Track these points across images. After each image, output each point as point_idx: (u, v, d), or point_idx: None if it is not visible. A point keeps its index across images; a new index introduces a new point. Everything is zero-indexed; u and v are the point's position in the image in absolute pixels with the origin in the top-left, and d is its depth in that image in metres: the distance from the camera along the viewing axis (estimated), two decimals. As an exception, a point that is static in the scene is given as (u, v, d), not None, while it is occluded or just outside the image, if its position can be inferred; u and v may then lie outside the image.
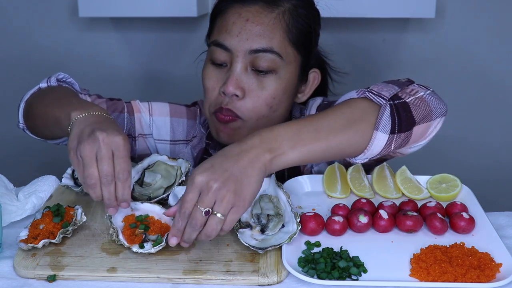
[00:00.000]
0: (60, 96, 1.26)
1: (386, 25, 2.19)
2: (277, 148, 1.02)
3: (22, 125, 1.32)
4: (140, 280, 1.00)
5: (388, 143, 1.08)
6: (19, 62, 2.34)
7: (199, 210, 0.97)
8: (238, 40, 1.26)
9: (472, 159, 2.32)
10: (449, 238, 1.09)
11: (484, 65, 2.23)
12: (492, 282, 0.96)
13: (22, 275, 1.02)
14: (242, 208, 0.99)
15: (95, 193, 1.03)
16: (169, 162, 1.29)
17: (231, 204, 0.98)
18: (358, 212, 1.11)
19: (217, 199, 0.97)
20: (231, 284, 0.99)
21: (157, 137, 1.46)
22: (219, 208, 0.97)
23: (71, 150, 1.05)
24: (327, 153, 1.07)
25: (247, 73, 1.27)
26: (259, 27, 1.26)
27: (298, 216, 1.09)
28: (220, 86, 1.29)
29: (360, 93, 1.12)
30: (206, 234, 0.99)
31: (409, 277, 0.99)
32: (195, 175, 0.98)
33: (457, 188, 1.23)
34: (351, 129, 1.07)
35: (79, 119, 1.09)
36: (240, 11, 1.28)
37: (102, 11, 2.08)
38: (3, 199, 1.18)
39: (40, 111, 1.25)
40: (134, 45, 2.30)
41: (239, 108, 1.28)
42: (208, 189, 0.97)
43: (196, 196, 0.97)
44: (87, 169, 1.02)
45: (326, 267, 1.00)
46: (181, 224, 0.99)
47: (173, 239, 1.00)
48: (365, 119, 1.08)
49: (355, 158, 1.11)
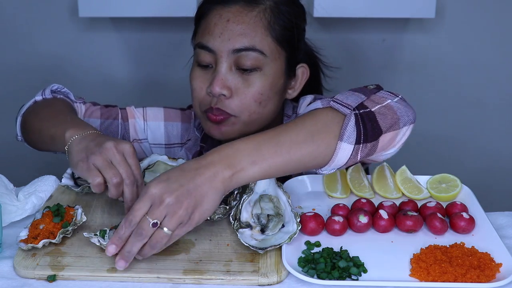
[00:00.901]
0: (54, 112, 1.29)
1: (386, 25, 2.19)
2: (236, 164, 1.00)
3: (21, 138, 1.36)
4: (140, 280, 1.00)
5: (354, 154, 1.06)
6: (19, 63, 2.34)
7: (147, 221, 0.96)
8: (221, 41, 1.27)
9: (472, 159, 2.32)
10: (449, 238, 1.09)
11: (484, 65, 2.23)
12: (492, 282, 0.96)
13: (22, 275, 1.02)
14: (190, 226, 0.99)
15: (118, 191, 1.07)
16: (169, 162, 1.29)
17: (180, 221, 0.97)
18: (358, 212, 1.11)
19: (167, 213, 0.96)
20: (231, 284, 0.99)
21: (152, 141, 1.48)
22: (168, 224, 0.96)
23: (79, 161, 1.08)
24: (290, 166, 1.05)
25: (232, 72, 1.28)
26: (240, 26, 1.27)
27: (298, 216, 1.09)
28: (207, 86, 1.30)
29: (325, 103, 1.09)
30: (150, 246, 0.98)
31: (409, 277, 0.99)
32: (149, 186, 0.97)
33: (457, 188, 1.23)
34: (314, 141, 1.05)
35: (76, 139, 1.13)
36: (221, 12, 1.29)
37: (102, 11, 2.08)
38: (3, 199, 1.18)
39: (36, 127, 1.28)
40: (134, 45, 2.29)
41: (228, 106, 1.29)
42: (160, 202, 0.96)
43: (146, 206, 0.97)
44: (108, 171, 1.05)
45: (326, 267, 1.00)
46: (124, 232, 0.97)
47: (112, 247, 0.98)
48: (329, 130, 1.06)
49: (321, 169, 1.08)
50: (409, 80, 2.28)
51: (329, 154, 1.06)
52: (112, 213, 1.18)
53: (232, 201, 1.15)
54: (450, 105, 2.27)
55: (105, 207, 1.20)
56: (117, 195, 1.08)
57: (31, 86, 2.36)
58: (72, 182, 1.26)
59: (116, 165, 1.06)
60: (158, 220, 0.96)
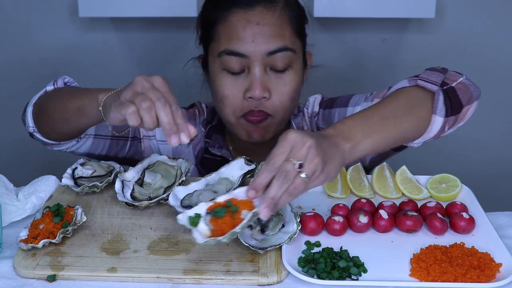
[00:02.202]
0: (74, 91, 1.27)
1: (386, 25, 2.19)
2: (352, 137, 1.03)
3: (33, 128, 1.31)
4: (140, 280, 1.00)
5: (442, 126, 1.14)
6: (19, 63, 2.34)
7: (292, 163, 0.94)
8: (254, 45, 1.27)
9: (472, 159, 2.32)
10: (449, 238, 1.09)
11: (484, 65, 2.23)
12: (492, 282, 0.96)
13: (22, 275, 1.02)
14: (320, 179, 0.97)
15: (151, 117, 0.98)
16: (169, 162, 1.29)
17: (316, 168, 0.95)
18: (358, 212, 1.11)
19: (306, 158, 0.95)
20: (231, 284, 0.99)
21: (160, 138, 1.47)
22: (307, 169, 0.95)
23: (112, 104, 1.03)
24: (395, 139, 1.11)
25: (267, 74, 1.29)
26: (270, 28, 1.27)
27: (298, 216, 1.09)
28: (243, 92, 1.29)
29: (412, 82, 1.17)
30: (289, 192, 0.94)
31: (409, 277, 0.99)
32: (287, 133, 0.97)
33: (457, 188, 1.23)
34: (412, 115, 1.12)
35: (109, 95, 1.09)
36: (246, 16, 1.28)
37: (102, 11, 2.08)
38: (3, 199, 1.18)
39: (58, 107, 1.24)
40: (134, 45, 2.29)
41: (269, 107, 1.31)
42: (302, 144, 0.95)
43: (286, 151, 0.95)
44: (136, 98, 0.99)
45: (326, 267, 1.00)
46: (265, 176, 0.94)
47: (252, 192, 0.96)
48: (422, 105, 1.14)
49: (413, 142, 1.16)
50: (409, 80, 2.28)
51: (425, 127, 1.14)
52: (112, 213, 1.18)
53: (232, 201, 1.15)
54: (450, 105, 2.27)
55: (105, 207, 1.20)
56: (153, 123, 0.99)
57: (31, 86, 2.36)
58: (72, 182, 1.26)
59: (147, 92, 1.00)
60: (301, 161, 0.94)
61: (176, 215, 1.14)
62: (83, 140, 1.33)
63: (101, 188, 1.24)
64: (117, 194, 1.19)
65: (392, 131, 1.09)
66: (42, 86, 1.41)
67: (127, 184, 1.23)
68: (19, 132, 1.34)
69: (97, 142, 1.37)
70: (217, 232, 0.98)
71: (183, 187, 1.19)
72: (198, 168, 1.46)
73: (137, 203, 1.18)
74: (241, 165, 1.22)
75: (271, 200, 0.94)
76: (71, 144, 1.32)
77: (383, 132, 1.08)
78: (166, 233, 1.12)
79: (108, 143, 1.39)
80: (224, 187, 1.18)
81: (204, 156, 1.45)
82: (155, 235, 1.11)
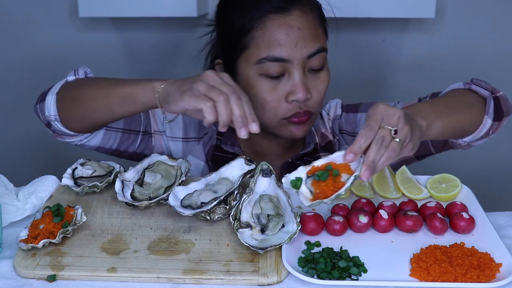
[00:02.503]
0: (113, 80, 1.28)
1: (386, 25, 2.19)
2: (427, 117, 1.11)
3: (54, 117, 1.31)
4: (140, 280, 1.00)
5: (489, 129, 1.25)
6: (19, 62, 2.34)
7: (388, 129, 1.01)
8: (296, 50, 1.28)
9: (472, 159, 2.32)
10: (449, 238, 1.09)
11: (484, 65, 2.23)
12: (492, 282, 0.96)
13: (22, 275, 1.02)
14: (412, 146, 1.04)
15: (227, 110, 1.08)
16: (169, 162, 1.29)
17: (408, 135, 1.02)
18: (358, 212, 1.11)
19: (398, 126, 1.01)
20: (231, 284, 0.99)
21: (170, 134, 1.49)
22: (400, 134, 1.01)
23: (184, 93, 1.10)
24: (458, 127, 1.20)
25: (306, 76, 1.32)
26: (308, 32, 1.30)
27: (298, 216, 1.09)
28: (285, 95, 1.31)
29: (466, 85, 1.28)
30: (387, 156, 1.00)
31: (409, 277, 0.99)
32: (378, 105, 1.03)
33: (457, 188, 1.23)
34: (470, 110, 1.23)
35: (167, 84, 1.16)
36: (285, 21, 1.29)
37: (102, 11, 2.08)
38: (3, 199, 1.18)
39: (98, 94, 1.25)
40: (134, 45, 2.29)
41: (311, 106, 1.34)
42: (393, 113, 1.02)
43: (380, 119, 1.02)
44: (213, 91, 1.08)
45: (326, 267, 1.00)
46: (364, 141, 1.00)
47: (350, 156, 1.01)
48: (477, 106, 1.24)
49: (464, 139, 1.27)
50: (409, 80, 2.28)
51: (478, 125, 1.24)
52: (112, 213, 1.18)
53: (232, 201, 1.16)
54: (450, 105, 2.27)
55: (105, 207, 1.20)
56: (228, 116, 1.08)
57: (31, 86, 2.37)
58: (72, 182, 1.26)
59: (219, 86, 1.09)
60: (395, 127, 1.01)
61: (176, 215, 1.15)
62: (94, 133, 1.35)
63: (101, 188, 1.24)
64: (117, 194, 1.19)
65: (456, 119, 1.18)
66: (42, 86, 1.41)
67: (127, 184, 1.23)
68: (19, 132, 1.34)
69: (109, 135, 1.39)
70: (319, 195, 1.04)
71: (183, 187, 1.19)
72: (208, 165, 1.47)
73: (137, 203, 1.18)
74: (241, 165, 1.22)
75: (371, 163, 1.00)
76: (84, 136, 1.35)
77: (450, 118, 1.16)
78: (166, 233, 1.12)
79: (119, 136, 1.41)
80: (224, 187, 1.19)
81: (215, 153, 1.46)
82: (155, 235, 1.11)
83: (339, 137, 1.49)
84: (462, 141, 1.28)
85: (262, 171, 1.17)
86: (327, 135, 1.48)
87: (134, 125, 1.43)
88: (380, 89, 2.30)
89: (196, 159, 1.47)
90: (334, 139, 1.48)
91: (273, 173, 1.17)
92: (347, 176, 1.04)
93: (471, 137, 1.26)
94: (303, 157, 1.43)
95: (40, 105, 1.34)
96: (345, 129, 1.49)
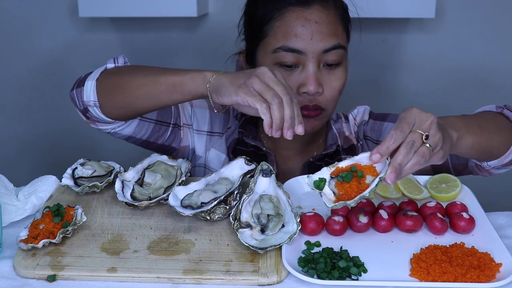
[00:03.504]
0: (159, 68, 1.28)
1: (386, 25, 2.19)
2: (458, 129, 1.10)
3: (94, 103, 1.31)
4: (140, 280, 1.00)
5: None
6: (19, 62, 2.34)
7: (419, 133, 0.99)
8: (312, 43, 1.31)
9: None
10: (449, 238, 1.09)
11: (484, 65, 2.23)
12: (492, 282, 0.96)
13: (22, 275, 1.02)
14: (443, 154, 1.03)
15: (280, 112, 1.07)
16: (169, 162, 1.29)
17: (440, 142, 1.01)
18: (358, 212, 1.11)
19: (430, 132, 1.00)
20: (231, 284, 0.99)
21: (196, 127, 1.50)
22: (431, 141, 1.00)
23: (238, 88, 1.10)
24: (486, 148, 1.18)
25: (320, 70, 1.33)
26: (326, 27, 1.32)
27: (298, 216, 1.09)
28: (297, 87, 1.33)
29: (499, 109, 1.27)
30: (415, 161, 0.99)
31: (409, 277, 0.99)
32: (412, 108, 1.03)
33: (457, 188, 1.23)
34: (500, 134, 1.21)
35: (218, 74, 1.15)
36: (304, 14, 1.32)
37: (102, 11, 2.08)
38: (3, 199, 1.18)
39: (144, 82, 1.26)
40: (134, 45, 2.29)
41: (322, 101, 1.35)
42: (426, 118, 1.01)
43: (413, 122, 1.01)
44: (269, 92, 1.08)
45: (326, 267, 1.00)
46: (392, 143, 0.99)
47: (376, 156, 1.00)
48: (507, 130, 1.22)
49: (489, 162, 1.24)
50: (409, 80, 2.28)
51: (505, 150, 1.22)
52: (112, 213, 1.18)
53: (232, 201, 1.16)
54: (449, 105, 2.27)
55: (105, 207, 1.20)
56: (280, 118, 1.07)
57: (31, 85, 2.37)
58: (72, 182, 1.26)
59: (274, 86, 1.09)
60: (427, 133, 1.00)
61: (176, 215, 1.15)
62: (129, 122, 1.36)
63: (101, 188, 1.24)
64: (117, 194, 1.19)
65: (486, 139, 1.17)
66: (42, 86, 1.41)
67: (127, 184, 1.23)
68: (19, 132, 1.34)
69: (142, 125, 1.40)
70: (342, 197, 1.03)
71: (183, 187, 1.19)
72: (229, 158, 1.49)
73: (137, 203, 1.18)
74: (241, 165, 1.23)
75: (398, 166, 0.98)
76: (118, 125, 1.35)
77: (480, 136, 1.15)
78: (166, 233, 1.12)
79: (151, 127, 1.42)
80: (224, 187, 1.19)
81: (236, 147, 1.48)
82: (155, 235, 1.11)
83: (363, 142, 1.50)
84: (486, 164, 1.26)
85: (262, 171, 1.17)
86: (351, 139, 1.49)
87: (166, 117, 1.44)
88: (380, 89, 2.31)
89: (218, 152, 1.49)
90: (358, 143, 1.49)
91: (273, 173, 1.17)
92: (371, 178, 1.03)
93: (497, 162, 1.24)
94: (325, 158, 1.45)
95: (77, 90, 1.33)
96: (370, 135, 1.50)
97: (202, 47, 2.25)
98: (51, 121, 2.38)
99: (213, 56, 1.94)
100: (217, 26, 2.19)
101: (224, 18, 2.17)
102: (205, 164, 1.50)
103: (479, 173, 1.34)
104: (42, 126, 2.40)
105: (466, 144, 1.13)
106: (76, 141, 2.36)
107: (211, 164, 1.49)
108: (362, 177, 1.03)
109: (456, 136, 1.09)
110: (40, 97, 2.34)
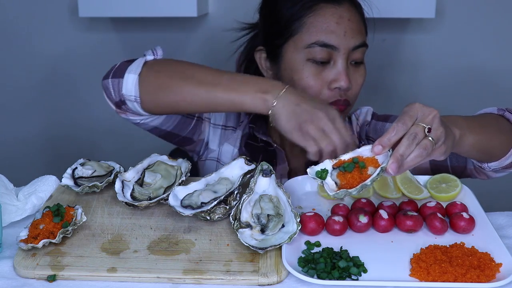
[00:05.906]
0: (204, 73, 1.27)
1: (386, 25, 2.19)
2: (460, 127, 1.11)
3: (135, 98, 1.29)
4: (140, 280, 1.00)
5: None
6: (19, 63, 2.34)
7: (421, 126, 1.00)
8: (345, 39, 1.35)
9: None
10: (449, 238, 1.09)
11: (484, 65, 2.23)
12: (492, 282, 0.96)
13: (22, 275, 1.02)
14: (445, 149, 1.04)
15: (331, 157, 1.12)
16: (169, 162, 1.29)
17: (442, 137, 1.02)
18: (358, 212, 1.11)
19: (433, 126, 1.01)
20: (231, 284, 0.99)
21: (213, 121, 1.52)
22: (434, 134, 1.01)
23: (293, 130, 1.16)
24: (487, 148, 1.19)
25: (348, 67, 1.37)
26: (356, 24, 1.37)
27: (298, 216, 1.09)
28: (328, 82, 1.36)
29: (500, 111, 1.28)
30: (417, 154, 1.00)
31: (409, 277, 0.99)
32: (414, 103, 1.04)
33: (457, 188, 1.23)
34: (501, 135, 1.22)
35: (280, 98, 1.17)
36: (337, 11, 1.36)
37: (102, 11, 2.08)
38: (3, 199, 1.18)
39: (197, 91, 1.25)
40: (134, 45, 2.29)
41: (350, 97, 1.39)
42: (429, 112, 1.02)
43: (416, 115, 1.02)
44: (323, 140, 1.13)
45: (326, 267, 1.00)
46: (394, 134, 1.00)
47: (378, 148, 1.01)
48: (507, 132, 1.23)
49: (490, 163, 1.25)
50: (409, 79, 2.28)
51: (505, 152, 1.23)
52: (112, 213, 1.18)
53: (232, 201, 1.16)
54: (449, 105, 2.27)
55: (105, 207, 1.20)
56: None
57: (31, 85, 2.37)
58: (72, 182, 1.26)
59: (330, 133, 1.14)
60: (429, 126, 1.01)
61: (176, 215, 1.15)
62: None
63: (101, 188, 1.24)
64: (117, 194, 1.19)
65: (487, 139, 1.18)
66: (42, 86, 1.41)
67: (127, 184, 1.23)
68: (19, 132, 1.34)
69: (169, 117, 1.41)
70: (344, 186, 1.04)
71: (183, 187, 1.19)
72: (241, 152, 1.51)
73: (137, 203, 1.18)
74: (241, 165, 1.23)
75: (400, 157, 0.99)
76: (146, 116, 1.36)
77: (481, 136, 1.16)
78: (166, 233, 1.12)
79: (178, 119, 1.43)
80: (224, 187, 1.19)
81: (248, 141, 1.50)
82: (155, 235, 1.11)
83: (365, 142, 1.50)
84: (487, 166, 1.27)
85: (262, 171, 1.17)
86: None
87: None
88: (380, 89, 2.31)
89: (231, 146, 1.51)
90: (360, 143, 1.49)
91: (273, 173, 1.17)
92: (373, 170, 1.04)
93: (497, 163, 1.25)
94: None
95: (113, 80, 1.31)
96: (372, 136, 1.51)
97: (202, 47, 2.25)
98: (51, 121, 2.38)
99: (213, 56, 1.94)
100: (217, 26, 2.19)
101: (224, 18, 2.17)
102: (217, 157, 1.51)
103: (477, 176, 1.34)
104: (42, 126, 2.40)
105: (468, 143, 1.14)
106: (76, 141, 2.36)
107: (223, 158, 1.51)
108: (363, 168, 1.04)
109: (459, 134, 1.10)
110: (40, 97, 2.34)
